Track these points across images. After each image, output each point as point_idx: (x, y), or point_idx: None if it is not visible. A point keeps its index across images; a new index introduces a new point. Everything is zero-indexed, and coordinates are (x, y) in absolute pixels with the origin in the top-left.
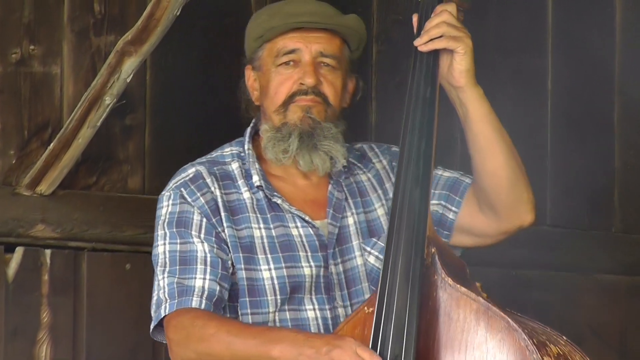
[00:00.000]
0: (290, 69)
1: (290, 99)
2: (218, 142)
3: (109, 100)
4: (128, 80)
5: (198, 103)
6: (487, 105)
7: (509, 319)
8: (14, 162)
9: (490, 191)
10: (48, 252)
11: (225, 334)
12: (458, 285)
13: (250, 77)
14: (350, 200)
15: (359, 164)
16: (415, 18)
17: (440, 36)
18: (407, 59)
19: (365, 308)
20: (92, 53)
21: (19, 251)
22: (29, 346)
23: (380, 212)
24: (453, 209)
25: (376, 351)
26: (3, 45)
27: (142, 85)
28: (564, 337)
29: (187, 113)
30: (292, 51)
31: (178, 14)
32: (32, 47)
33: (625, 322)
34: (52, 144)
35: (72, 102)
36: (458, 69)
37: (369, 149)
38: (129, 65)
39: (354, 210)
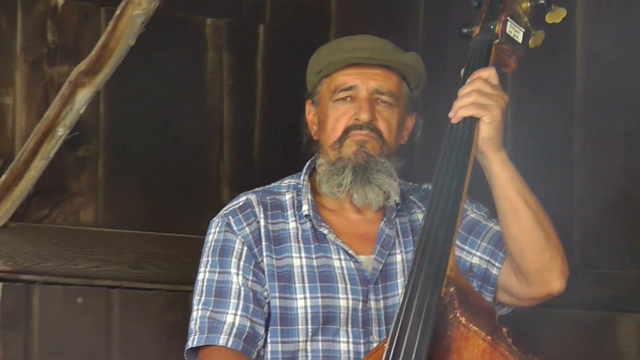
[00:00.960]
0: (347, 104)
1: (345, 134)
2: (171, 173)
3: (61, 131)
4: (81, 111)
5: (152, 135)
6: (511, 170)
7: (513, 358)
8: None
9: (515, 255)
10: None
11: None
12: (470, 325)
13: (309, 112)
14: (401, 239)
15: (419, 204)
16: (462, 72)
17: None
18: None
19: (385, 344)
20: (45, 83)
21: None
22: None
23: None
24: (497, 264)
25: None
26: None
27: (96, 117)
28: None
29: (141, 145)
30: (349, 88)
31: (132, 44)
32: None
33: (585, 355)
34: (3, 176)
35: (24, 133)
36: (481, 135)
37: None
38: (83, 96)
39: (403, 249)
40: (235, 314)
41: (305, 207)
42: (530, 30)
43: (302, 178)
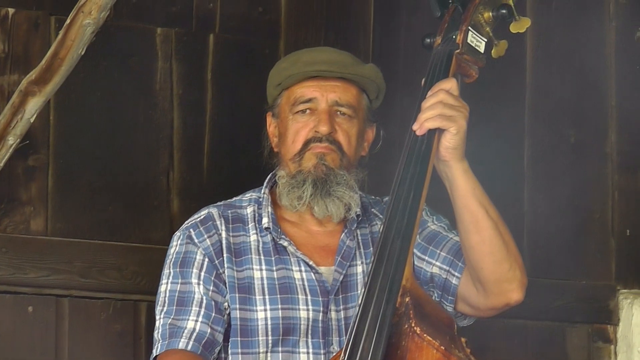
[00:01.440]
0: (306, 117)
1: (305, 147)
2: (121, 183)
3: (12, 140)
4: (32, 120)
5: (102, 144)
6: (473, 180)
7: None
8: None
9: (474, 265)
10: None
11: None
12: (424, 335)
13: (270, 124)
14: (362, 250)
15: (380, 216)
16: (422, 82)
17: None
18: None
19: (340, 354)
20: None
21: None
22: None
23: None
24: (456, 274)
25: None
26: None
27: (46, 126)
28: None
29: (91, 154)
30: (308, 100)
31: (82, 53)
32: None
33: None
34: None
35: None
36: (445, 145)
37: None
38: (33, 105)
39: (364, 260)
40: (196, 320)
41: (265, 220)
42: (492, 40)
43: (262, 191)
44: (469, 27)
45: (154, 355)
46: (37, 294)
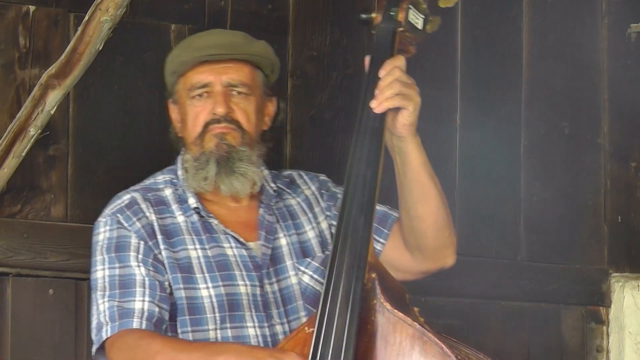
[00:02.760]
0: (203, 100)
1: (205, 129)
2: (137, 171)
3: (33, 131)
4: (52, 112)
5: (119, 134)
6: (424, 154)
7: (443, 345)
8: None
9: (420, 234)
10: None
11: (170, 350)
12: (395, 311)
13: (172, 111)
14: (281, 223)
15: (287, 190)
16: (367, 59)
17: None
18: (321, 93)
19: (306, 328)
20: (17, 86)
21: None
22: None
23: (310, 234)
24: (380, 240)
25: None
26: None
27: (66, 117)
28: None
29: (108, 144)
30: (204, 85)
31: (100, 48)
32: None
33: (530, 347)
34: None
35: None
36: (402, 122)
37: (298, 177)
38: (53, 98)
39: (285, 232)
40: (143, 301)
41: (192, 201)
42: (428, 16)
43: (178, 173)
44: (410, 5)
45: (104, 337)
46: (57, 277)
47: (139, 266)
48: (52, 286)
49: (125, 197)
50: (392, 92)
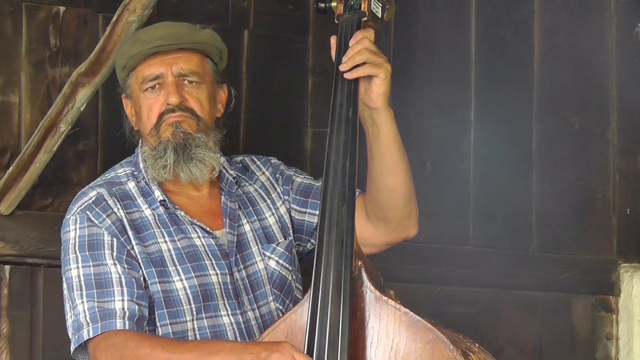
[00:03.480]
0: (155, 92)
1: (160, 120)
2: None
3: (63, 127)
4: (82, 109)
5: None
6: (396, 127)
7: (427, 323)
8: None
9: (387, 205)
10: (7, 268)
11: (161, 351)
12: (385, 298)
13: (127, 105)
14: (243, 210)
15: (243, 177)
16: (333, 40)
17: (363, 63)
18: None
19: (292, 316)
20: (48, 83)
21: None
22: None
23: (271, 220)
24: None
25: (314, 358)
26: None
27: (95, 114)
28: (477, 344)
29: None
30: (155, 77)
31: None
32: None
33: (542, 335)
34: (10, 168)
35: (29, 129)
36: (377, 92)
37: (251, 162)
38: (83, 95)
39: (248, 219)
40: (123, 300)
41: (157, 193)
42: (385, 4)
43: (141, 166)
44: None
45: (85, 338)
46: None
47: (114, 264)
48: None
49: (91, 194)
50: (361, 58)
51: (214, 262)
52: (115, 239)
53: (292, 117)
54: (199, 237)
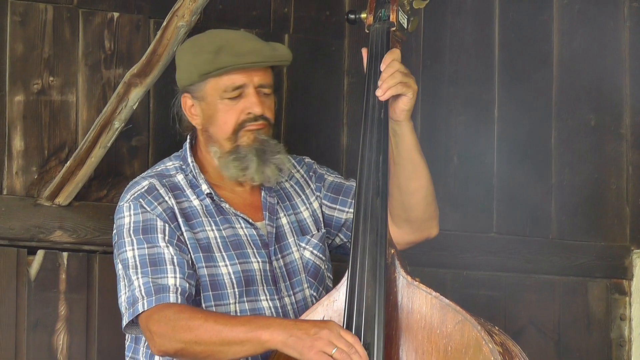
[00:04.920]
0: (235, 101)
1: (240, 127)
2: None
3: (117, 124)
4: (134, 107)
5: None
6: (416, 136)
7: (456, 306)
8: (35, 177)
9: (410, 207)
10: (65, 254)
11: (213, 323)
12: (416, 282)
13: (187, 104)
14: (281, 204)
15: (298, 166)
16: (364, 51)
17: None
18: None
19: (329, 300)
20: (103, 84)
21: (40, 254)
22: (48, 336)
23: (306, 214)
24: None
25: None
26: (26, 77)
27: (146, 112)
28: (496, 327)
29: (184, 135)
30: (237, 87)
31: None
32: (51, 78)
33: (560, 315)
34: (68, 162)
35: (85, 126)
36: (402, 108)
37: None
38: (135, 95)
39: (285, 212)
40: (175, 277)
41: (204, 187)
42: (410, 16)
43: (189, 160)
44: (398, 7)
45: (140, 311)
46: None
47: (167, 246)
48: None
49: (144, 183)
50: (395, 81)
51: (255, 250)
52: (166, 225)
53: (329, 115)
54: (242, 228)
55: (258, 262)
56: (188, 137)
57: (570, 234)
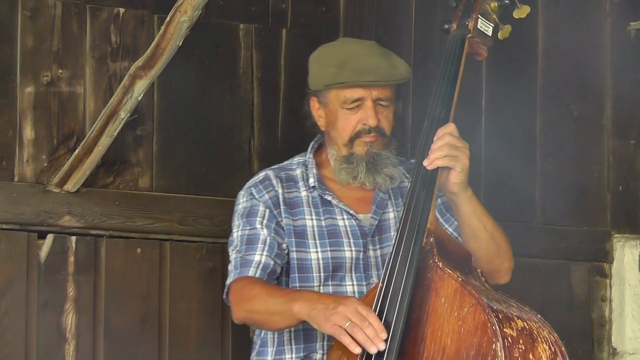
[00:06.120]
0: (354, 111)
1: (355, 136)
2: (211, 148)
3: (123, 114)
4: (139, 98)
5: (196, 116)
6: (475, 203)
7: (479, 296)
8: (45, 165)
9: (475, 258)
10: (73, 238)
11: (264, 294)
12: (446, 268)
13: (315, 106)
14: (393, 200)
15: (407, 174)
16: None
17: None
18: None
19: (379, 284)
20: (110, 76)
21: (50, 238)
22: (57, 316)
23: None
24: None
25: (376, 313)
26: (36, 69)
27: (151, 103)
28: (539, 317)
29: (187, 125)
30: (356, 99)
31: (180, 44)
32: (60, 70)
33: (544, 295)
34: (76, 151)
35: (93, 116)
36: (453, 181)
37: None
38: (140, 86)
39: (395, 208)
40: (262, 255)
41: (311, 180)
42: (498, 25)
43: (308, 156)
44: (479, 15)
45: (228, 282)
46: (144, 238)
47: (262, 228)
48: (140, 246)
49: (261, 174)
50: (442, 154)
51: (351, 240)
52: (268, 210)
53: None
54: (343, 219)
55: (352, 250)
56: (317, 136)
57: (554, 219)
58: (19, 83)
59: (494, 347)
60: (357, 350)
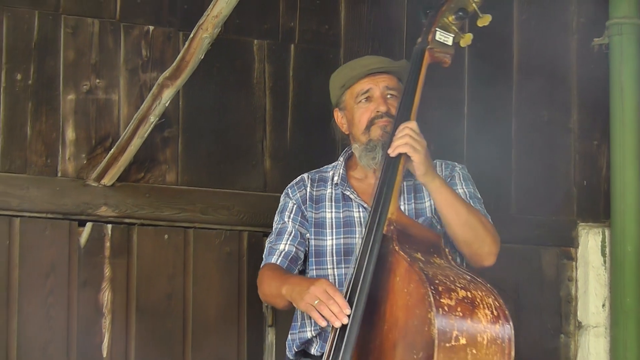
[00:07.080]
0: (366, 103)
1: (371, 123)
2: (228, 149)
3: (152, 119)
4: (166, 105)
5: (216, 121)
6: (445, 192)
7: (421, 273)
8: (85, 162)
9: (456, 244)
10: (109, 226)
11: (269, 278)
12: (400, 251)
13: (338, 117)
14: (405, 195)
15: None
16: None
17: (405, 143)
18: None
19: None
20: (141, 85)
21: (89, 226)
22: (95, 293)
23: (427, 204)
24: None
25: (347, 293)
26: (77, 79)
27: (177, 109)
28: (489, 286)
29: (208, 128)
30: (366, 91)
31: (202, 57)
32: (97, 80)
33: (518, 278)
34: (112, 150)
35: (126, 120)
36: (417, 174)
37: (441, 164)
38: (167, 94)
39: (406, 202)
40: (286, 244)
41: (336, 178)
42: (458, 34)
43: (339, 160)
44: (437, 28)
45: (260, 268)
46: (171, 226)
47: (289, 221)
48: (167, 232)
49: (298, 177)
50: (403, 141)
51: (362, 229)
52: (296, 206)
53: (328, 110)
54: (358, 211)
55: (361, 237)
56: (349, 144)
57: (527, 210)
58: (62, 91)
59: (429, 315)
60: (323, 323)
